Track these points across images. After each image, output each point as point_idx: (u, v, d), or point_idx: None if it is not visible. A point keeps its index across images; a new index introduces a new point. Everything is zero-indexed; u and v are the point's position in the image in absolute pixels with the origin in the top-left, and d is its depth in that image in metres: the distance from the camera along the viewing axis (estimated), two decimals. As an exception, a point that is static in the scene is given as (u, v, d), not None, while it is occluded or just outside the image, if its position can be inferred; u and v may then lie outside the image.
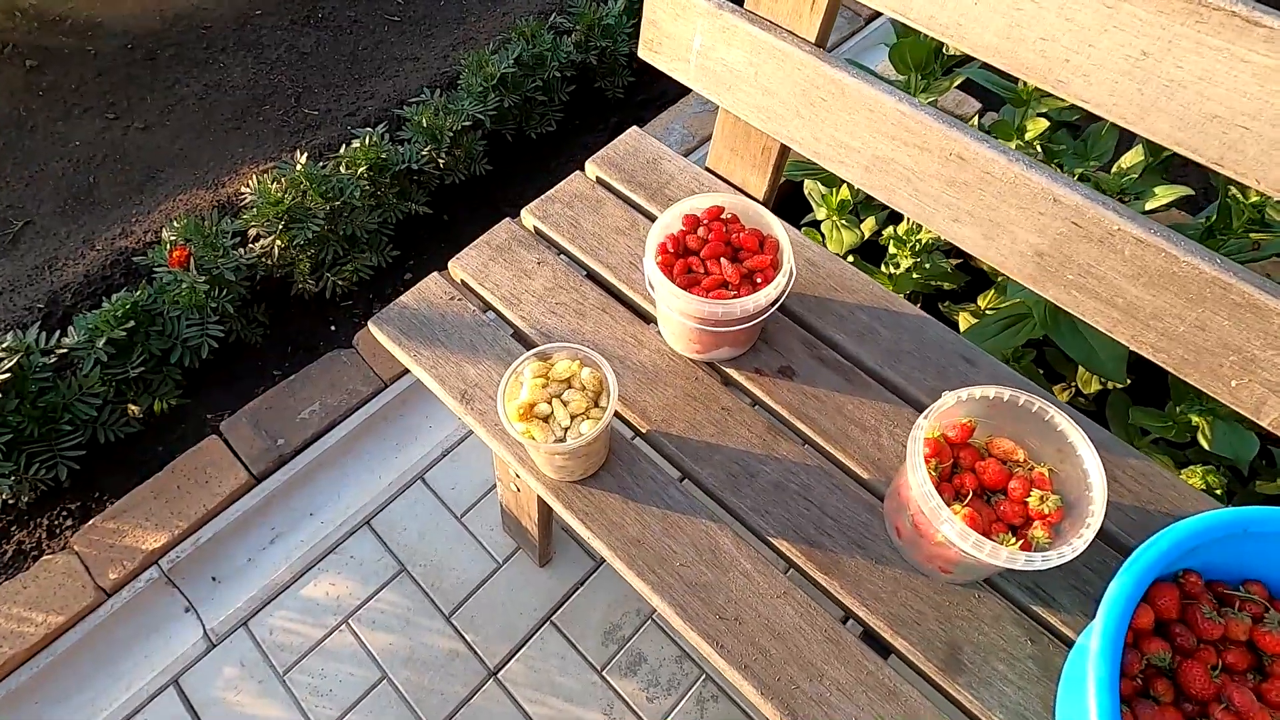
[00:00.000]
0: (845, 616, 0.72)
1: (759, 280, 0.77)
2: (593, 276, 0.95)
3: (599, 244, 0.95)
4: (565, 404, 0.70)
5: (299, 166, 1.50)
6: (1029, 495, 0.66)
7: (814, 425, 0.81)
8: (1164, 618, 0.63)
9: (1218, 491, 0.99)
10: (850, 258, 1.29)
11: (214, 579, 1.25)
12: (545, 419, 0.69)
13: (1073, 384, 1.32)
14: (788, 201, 1.66)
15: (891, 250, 1.24)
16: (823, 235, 1.32)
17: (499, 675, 1.16)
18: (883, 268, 1.33)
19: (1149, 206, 1.14)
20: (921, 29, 0.71)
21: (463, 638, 1.20)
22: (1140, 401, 1.22)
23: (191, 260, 1.37)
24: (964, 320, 1.29)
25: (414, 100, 1.73)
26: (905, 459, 0.65)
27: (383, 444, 1.39)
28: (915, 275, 1.25)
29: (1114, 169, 1.17)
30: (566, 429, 0.69)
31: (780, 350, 0.87)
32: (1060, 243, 0.72)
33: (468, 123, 1.65)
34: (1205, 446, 1.03)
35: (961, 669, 0.68)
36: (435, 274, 0.95)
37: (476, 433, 0.81)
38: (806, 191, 1.37)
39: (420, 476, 1.35)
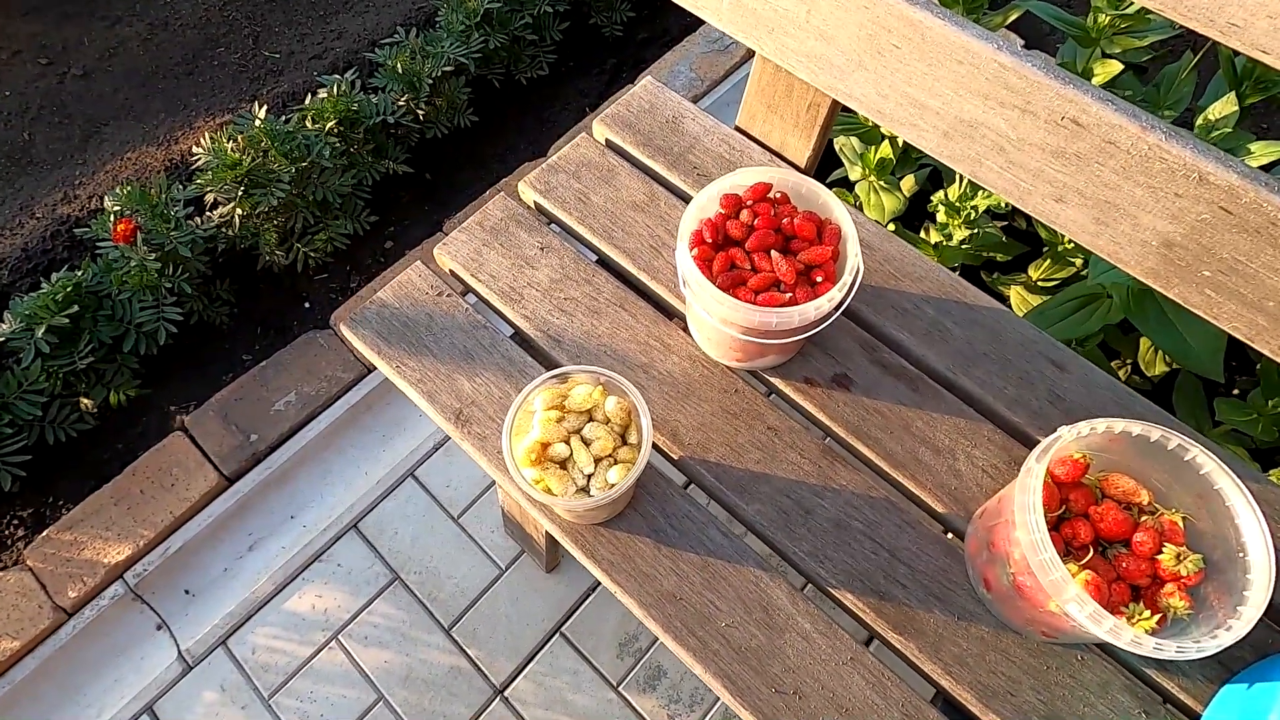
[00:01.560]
0: (933, 693, 0.60)
1: (819, 279, 0.63)
2: (605, 263, 0.80)
3: (613, 223, 0.80)
4: (587, 443, 0.56)
5: (258, 122, 1.31)
6: (1160, 551, 0.53)
7: (878, 448, 0.68)
8: (1321, 699, 0.52)
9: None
10: (891, 226, 1.14)
11: (187, 592, 1.13)
12: (563, 463, 0.56)
13: (1129, 361, 1.20)
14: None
15: (942, 219, 1.09)
16: (856, 199, 1.16)
17: (506, 694, 1.07)
18: (923, 234, 1.18)
19: None
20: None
21: (465, 653, 1.09)
22: (1211, 387, 1.10)
23: (139, 235, 1.20)
24: (1016, 296, 1.15)
25: (387, 41, 1.53)
26: (999, 498, 0.53)
27: (368, 436, 1.26)
28: (965, 247, 1.11)
29: (1199, 120, 1.01)
30: (590, 476, 0.55)
31: (834, 354, 0.73)
32: (1199, 231, 0.58)
33: (449, 67, 1.45)
34: (1297, 446, 0.92)
35: (1065, 750, 0.57)
36: (419, 263, 0.80)
37: (476, 461, 0.68)
38: (838, 147, 1.20)
39: (411, 473, 1.22)
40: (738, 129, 0.89)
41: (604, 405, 0.57)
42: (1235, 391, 1.17)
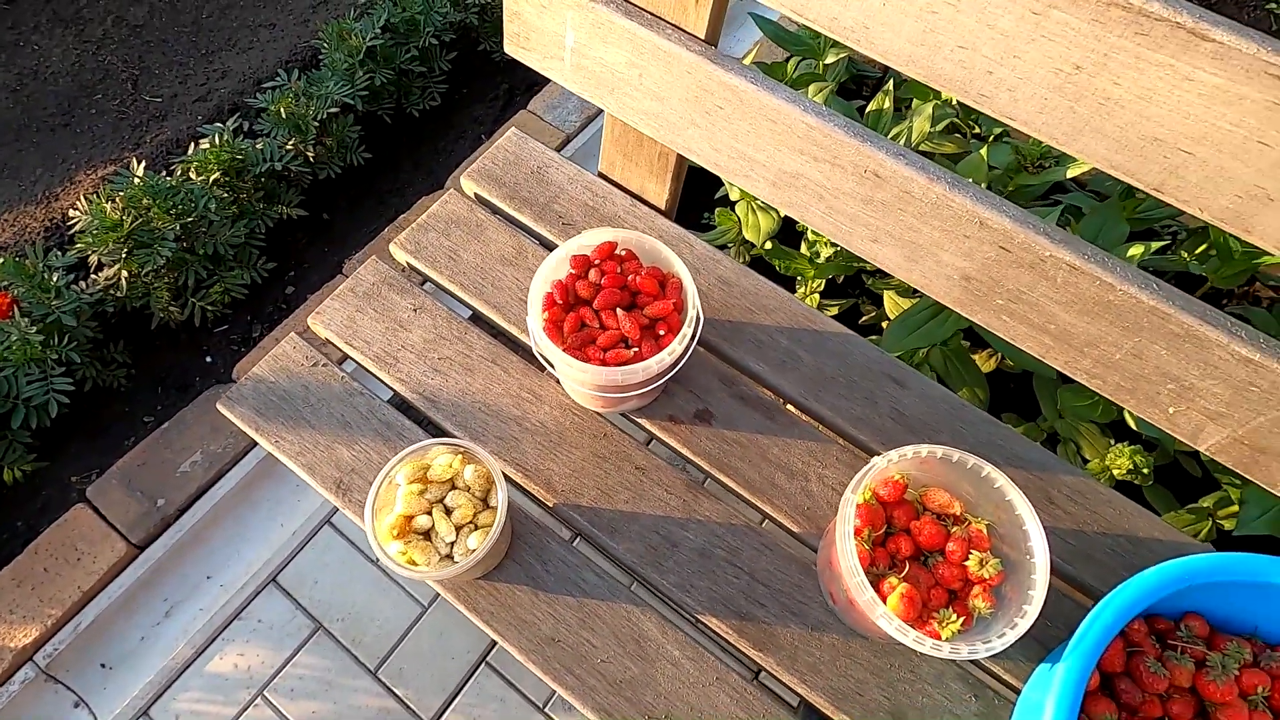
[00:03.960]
0: (798, 700, 0.66)
1: (662, 332, 0.68)
2: (478, 318, 0.84)
3: (483, 279, 0.83)
4: (449, 512, 0.60)
5: (137, 179, 1.29)
6: (968, 558, 0.60)
7: (737, 476, 0.74)
8: (1109, 671, 0.60)
9: (1144, 471, 0.98)
10: (769, 244, 1.20)
11: (104, 666, 1.12)
12: (426, 534, 0.59)
13: (998, 354, 1.29)
14: (694, 174, 1.55)
15: (811, 237, 1.15)
16: (739, 219, 1.22)
17: (436, 729, 1.10)
18: (804, 249, 1.25)
19: (1071, 174, 1.08)
20: (824, 32, 0.60)
21: (393, 693, 1.12)
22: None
23: (16, 308, 1.17)
24: (889, 300, 1.23)
25: (269, 85, 1.51)
26: (837, 518, 0.59)
27: (281, 488, 1.26)
28: (838, 260, 1.18)
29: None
30: (452, 544, 0.59)
31: (696, 391, 0.78)
32: (988, 267, 0.65)
33: (334, 108, 1.45)
34: (1131, 425, 1.02)
35: (906, 740, 0.64)
36: (294, 334, 0.81)
37: (364, 529, 0.71)
38: (717, 169, 1.25)
39: (327, 520, 1.24)
40: (601, 174, 0.93)
41: (463, 473, 0.61)
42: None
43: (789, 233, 1.36)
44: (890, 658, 0.67)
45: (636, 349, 0.66)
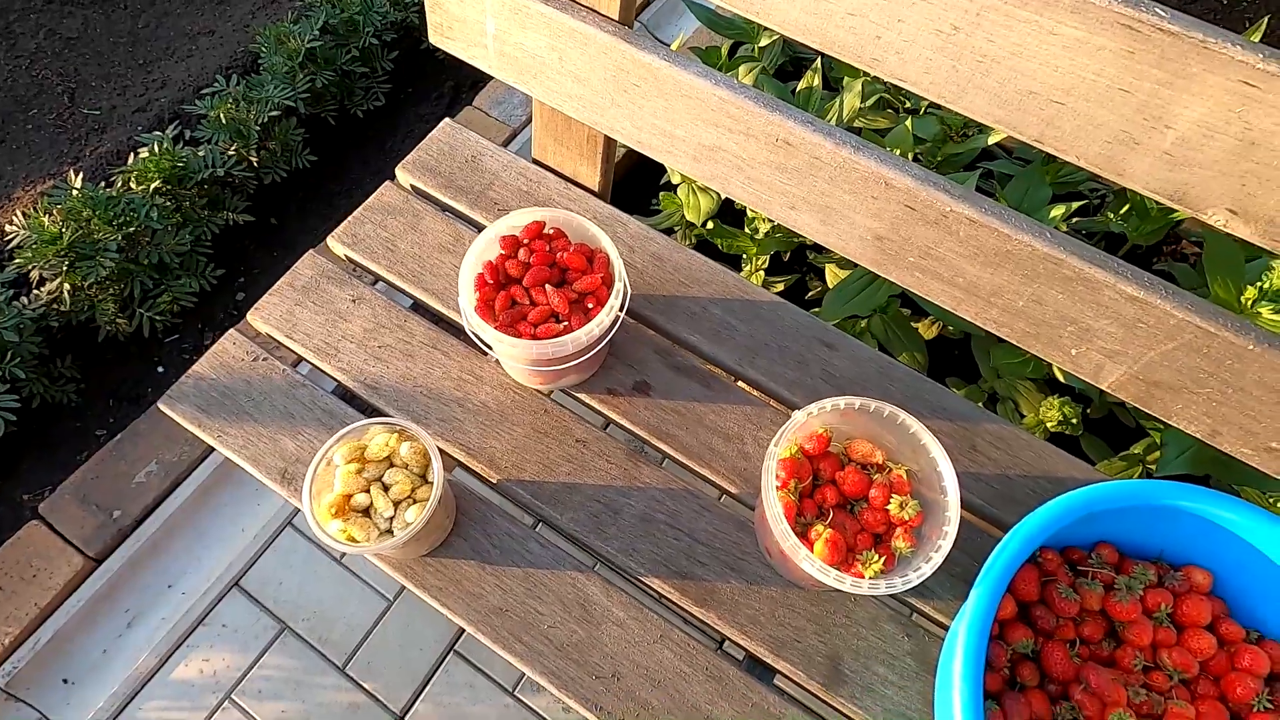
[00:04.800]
0: (743, 654, 0.69)
1: (590, 306, 0.70)
2: (418, 307, 0.85)
3: (421, 268, 0.85)
4: (386, 489, 0.61)
5: (75, 191, 1.27)
6: (889, 502, 0.63)
7: (676, 443, 0.76)
8: (1025, 600, 0.64)
9: (1073, 421, 1.03)
10: (711, 223, 1.23)
11: (66, 681, 1.11)
12: (365, 511, 0.61)
13: (939, 322, 1.33)
14: (644, 166, 1.57)
15: (750, 214, 1.18)
16: (681, 201, 1.24)
17: (407, 719, 1.11)
18: (746, 228, 1.28)
19: (992, 140, 1.12)
20: (728, 7, 0.62)
21: (362, 688, 1.13)
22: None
23: (-45, 326, 1.15)
24: (830, 274, 1.26)
25: (208, 91, 1.50)
26: (762, 471, 0.62)
27: (240, 492, 1.26)
28: (778, 235, 1.21)
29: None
30: (391, 519, 0.60)
31: (633, 364, 0.80)
32: (897, 226, 0.68)
33: (276, 112, 1.45)
34: (1059, 378, 1.07)
35: (843, 680, 0.67)
36: (233, 331, 0.82)
37: (307, 518, 0.72)
38: (659, 154, 1.27)
39: (289, 522, 1.24)
40: (535, 160, 0.95)
41: (400, 451, 0.62)
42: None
43: (732, 214, 1.39)
44: (826, 605, 0.70)
45: (566, 323, 0.68)
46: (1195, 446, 0.91)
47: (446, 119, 0.95)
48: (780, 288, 1.33)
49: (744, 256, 1.29)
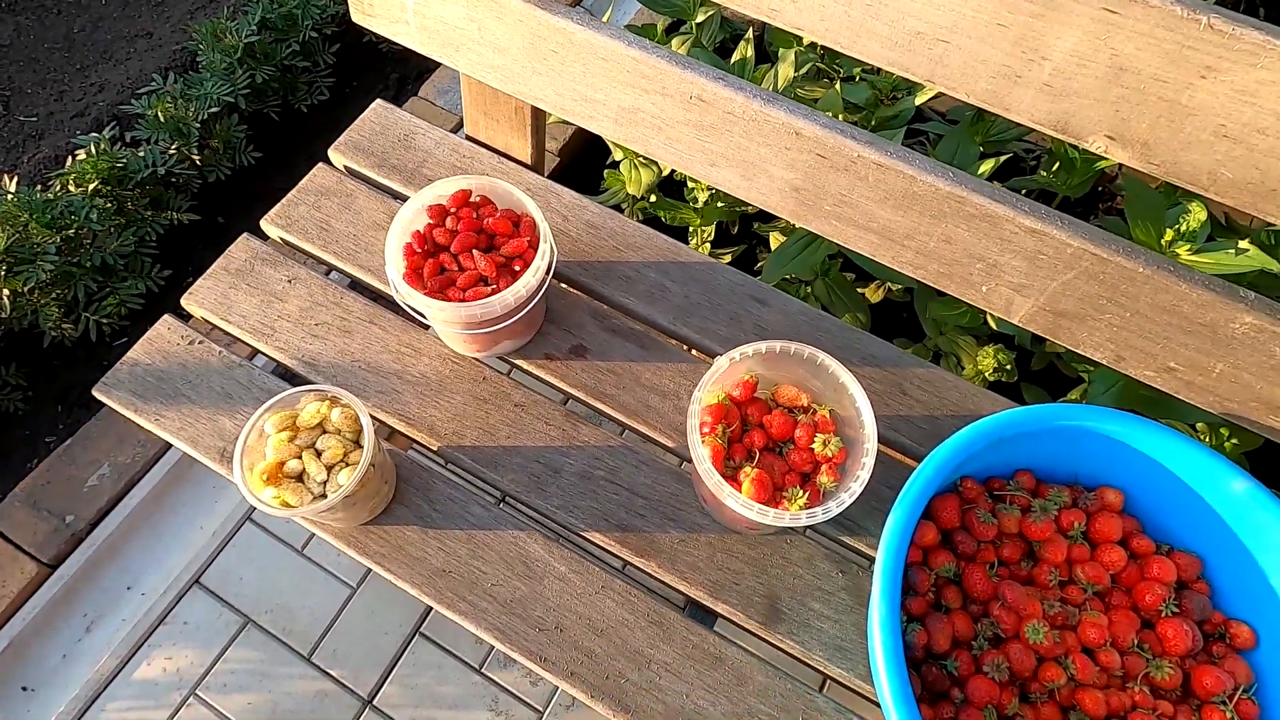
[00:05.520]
0: (685, 600, 0.71)
1: (518, 268, 0.71)
2: (356, 285, 0.86)
3: (356, 246, 0.85)
4: (319, 454, 0.62)
5: (9, 195, 1.25)
6: (814, 441, 0.65)
7: (613, 402, 0.78)
8: (947, 528, 0.66)
9: (1008, 367, 1.06)
10: (654, 196, 1.24)
11: (25, 689, 1.10)
12: (299, 477, 0.61)
13: (885, 285, 1.36)
14: (592, 147, 1.58)
15: (689, 184, 1.20)
16: (624, 177, 1.25)
17: (374, 702, 1.12)
18: (686, 197, 1.30)
19: (919, 101, 1.15)
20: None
21: (328, 675, 1.13)
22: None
23: (-110, 336, 1.13)
24: (774, 240, 1.28)
25: (144, 91, 1.48)
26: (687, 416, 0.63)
27: (198, 490, 1.26)
28: (720, 204, 1.23)
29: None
30: (325, 483, 0.61)
31: (570, 328, 0.82)
32: (811, 175, 0.70)
33: (215, 108, 1.44)
34: (993, 326, 1.10)
35: (781, 618, 0.69)
36: (167, 316, 0.82)
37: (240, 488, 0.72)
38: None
39: (248, 517, 1.23)
40: (468, 137, 0.96)
41: (331, 417, 0.63)
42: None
43: (675, 187, 1.41)
44: (763, 548, 0.72)
45: (494, 286, 0.69)
46: (1121, 382, 0.95)
47: (379, 100, 0.96)
48: (728, 259, 1.35)
49: (690, 229, 1.31)
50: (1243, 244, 0.79)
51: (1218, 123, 0.52)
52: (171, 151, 1.41)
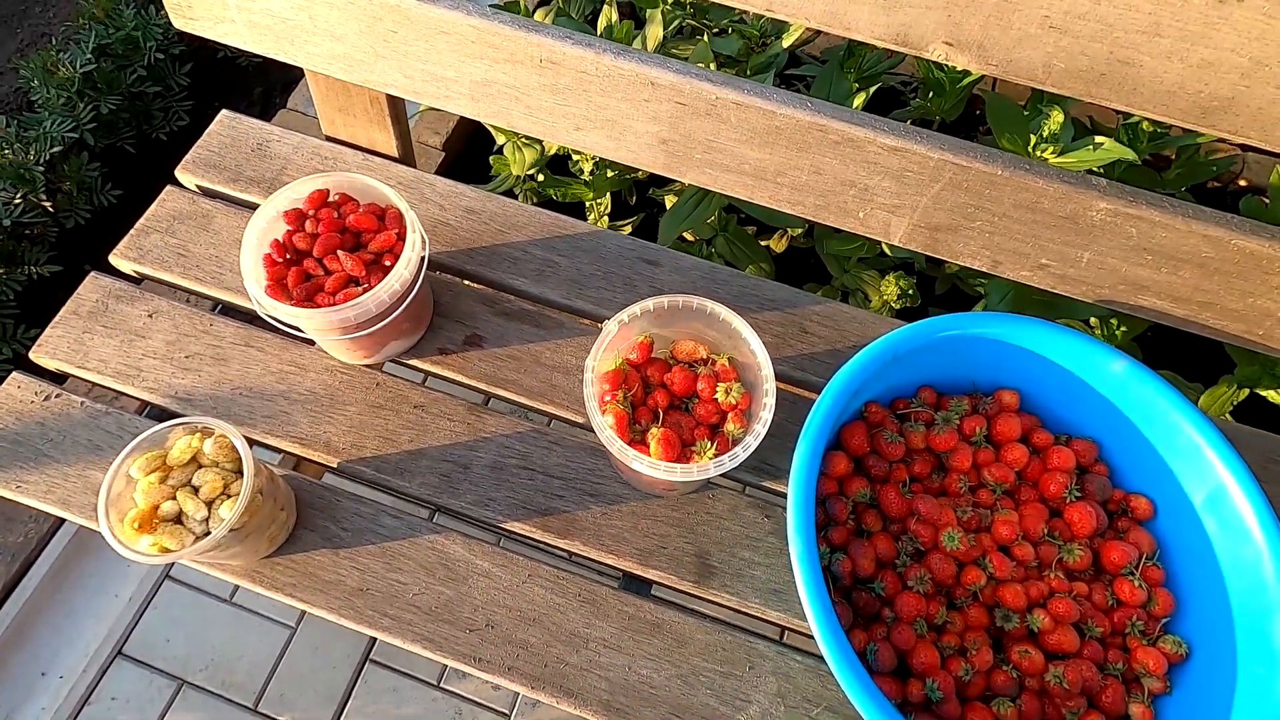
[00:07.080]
0: (621, 575, 0.69)
1: (389, 263, 0.67)
2: (226, 309, 0.80)
3: (220, 268, 0.80)
4: (196, 490, 0.57)
5: None
6: (717, 391, 0.65)
7: (516, 387, 0.75)
8: (858, 454, 0.66)
9: (910, 292, 1.09)
10: (542, 175, 1.21)
11: (-59, 801, 1.01)
12: (176, 519, 0.57)
13: (787, 234, 1.37)
14: (478, 138, 1.54)
15: (575, 157, 1.17)
16: (508, 160, 1.22)
17: (333, 739, 1.07)
18: (572, 169, 1.27)
19: (786, 44, 1.15)
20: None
21: (279, 721, 1.08)
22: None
23: None
24: (669, 202, 1.27)
25: (-26, 139, 1.35)
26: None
27: (104, 557, 1.17)
28: (610, 175, 1.21)
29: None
30: (206, 519, 0.57)
31: (461, 319, 0.79)
32: (675, 125, 0.69)
33: (59, 147, 1.33)
34: (888, 253, 1.12)
35: (713, 573, 0.68)
36: (16, 373, 0.75)
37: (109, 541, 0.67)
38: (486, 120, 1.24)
39: (166, 575, 1.16)
40: (328, 138, 0.91)
41: (204, 449, 0.59)
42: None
43: (563, 164, 1.38)
44: (686, 507, 0.71)
45: (366, 285, 0.66)
46: (1012, 290, 0.98)
47: (224, 110, 0.89)
48: (628, 229, 1.33)
49: (586, 205, 1.29)
50: (1099, 139, 0.82)
51: (1042, 14, 0.52)
52: (17, 201, 1.29)
